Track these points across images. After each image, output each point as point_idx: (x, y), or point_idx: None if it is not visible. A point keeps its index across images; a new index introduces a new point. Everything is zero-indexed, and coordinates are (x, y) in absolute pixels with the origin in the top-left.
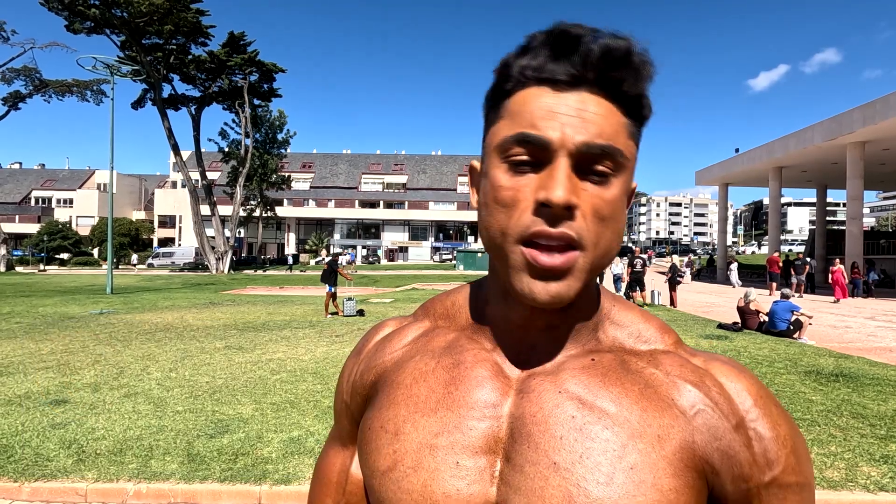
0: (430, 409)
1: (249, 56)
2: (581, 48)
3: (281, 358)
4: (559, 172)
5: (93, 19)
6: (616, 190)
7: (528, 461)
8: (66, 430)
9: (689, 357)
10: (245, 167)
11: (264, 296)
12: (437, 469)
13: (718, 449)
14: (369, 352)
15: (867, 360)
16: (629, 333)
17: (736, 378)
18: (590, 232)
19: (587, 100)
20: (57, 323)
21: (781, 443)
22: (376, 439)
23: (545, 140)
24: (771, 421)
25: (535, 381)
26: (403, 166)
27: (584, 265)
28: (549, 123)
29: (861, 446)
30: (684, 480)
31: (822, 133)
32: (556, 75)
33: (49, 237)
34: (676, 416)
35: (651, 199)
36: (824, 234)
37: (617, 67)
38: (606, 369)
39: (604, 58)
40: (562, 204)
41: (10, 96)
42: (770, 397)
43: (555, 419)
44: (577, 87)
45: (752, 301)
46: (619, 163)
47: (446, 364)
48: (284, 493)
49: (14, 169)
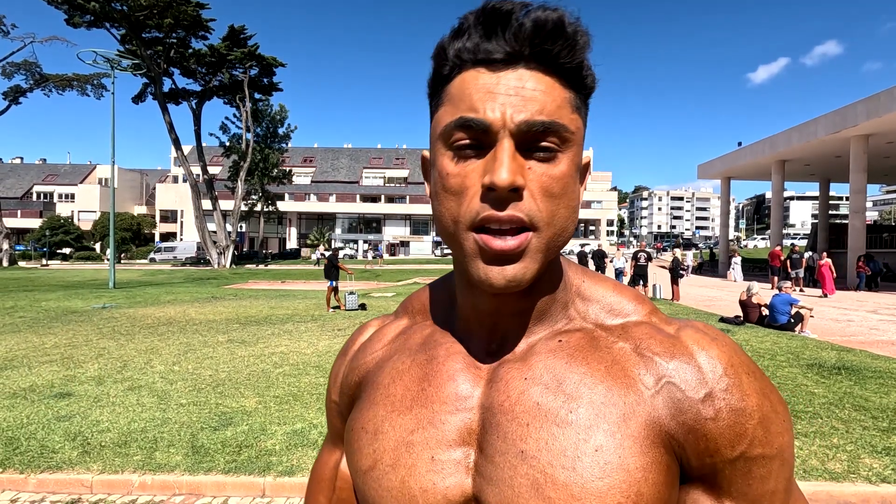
0: (406, 408)
1: (250, 50)
2: (512, 24)
3: (283, 351)
4: (502, 154)
5: (92, 13)
6: (564, 166)
7: (498, 451)
8: (71, 423)
9: (663, 325)
10: (246, 161)
11: (266, 290)
12: (413, 465)
13: (683, 423)
14: (354, 353)
15: (869, 353)
16: (601, 308)
17: (707, 346)
18: (541, 211)
19: (525, 76)
20: (60, 317)
21: (749, 414)
22: (358, 440)
23: (485, 122)
24: (740, 391)
25: (503, 370)
26: (405, 160)
27: (538, 245)
28: (489, 105)
29: (863, 438)
30: (651, 458)
31: (825, 126)
32: (491, 55)
33: (51, 232)
34: (641, 392)
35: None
36: (827, 227)
37: (551, 40)
38: (573, 350)
39: (536, 31)
40: (506, 186)
41: (10, 91)
42: (743, 365)
43: (521, 407)
44: (514, 65)
45: (754, 294)
46: (564, 138)
47: (420, 361)
48: (288, 485)
49: (15, 164)
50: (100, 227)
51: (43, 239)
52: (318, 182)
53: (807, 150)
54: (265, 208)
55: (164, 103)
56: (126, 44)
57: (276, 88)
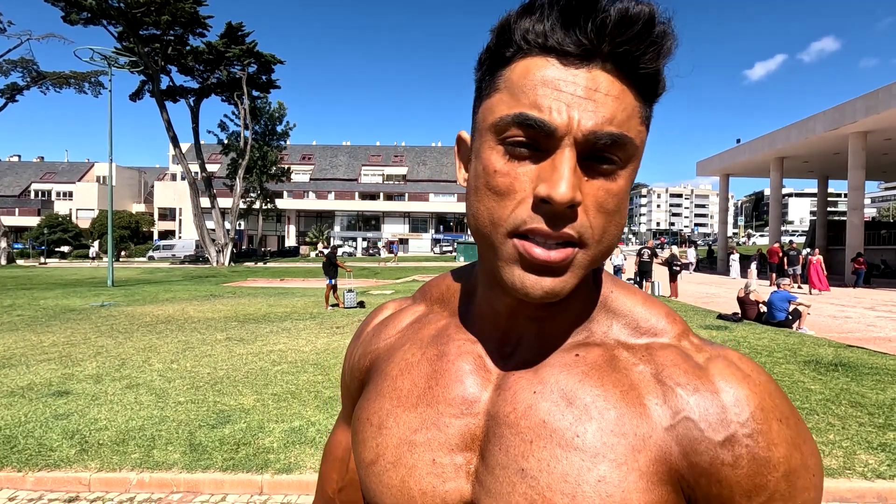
0: (412, 404)
1: (248, 47)
2: (596, 14)
3: (282, 349)
4: (563, 165)
5: (89, 10)
6: (623, 181)
7: (499, 464)
8: (69, 421)
9: (692, 352)
10: (244, 159)
11: (265, 288)
12: (414, 466)
13: (697, 464)
14: (367, 335)
15: (866, 350)
16: (626, 324)
17: (737, 384)
18: (593, 228)
19: (599, 77)
20: (58, 315)
21: (773, 466)
22: (363, 431)
23: (550, 126)
24: (766, 440)
25: (513, 378)
26: (403, 158)
27: (583, 261)
28: (555, 104)
29: (859, 434)
30: (657, 495)
31: (824, 123)
32: (564, 46)
33: (49, 230)
34: (655, 425)
35: (651, 189)
36: (825, 224)
37: (636, 40)
38: (590, 367)
39: (621, 27)
40: (565, 202)
41: (7, 88)
42: (775, 410)
43: (527, 422)
44: (589, 62)
45: (752, 291)
46: (629, 152)
47: (430, 356)
48: (286, 483)
49: (13, 162)
50: (98, 225)
51: (41, 237)
52: (316, 180)
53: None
54: (264, 206)
55: (162, 101)
56: (123, 41)
57: (274, 86)
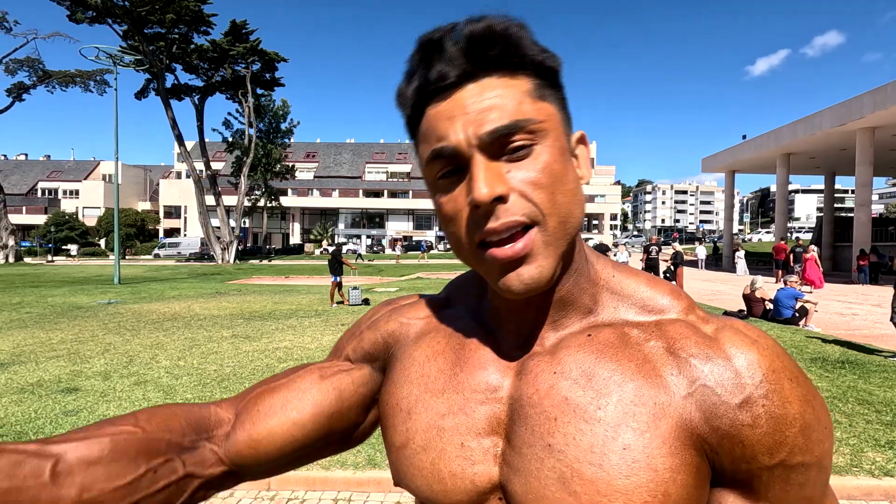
0: (439, 390)
1: (252, 45)
2: (446, 48)
3: (287, 346)
4: (476, 170)
5: (94, 8)
6: (546, 155)
7: (526, 443)
8: (78, 417)
9: (700, 324)
10: (249, 157)
11: (270, 285)
12: (444, 449)
13: (718, 428)
14: (398, 306)
15: (874, 347)
16: (633, 303)
17: (747, 349)
18: (538, 205)
19: (477, 89)
20: (66, 313)
21: (790, 422)
22: (393, 416)
23: (450, 147)
24: (781, 398)
25: (532, 363)
26: (407, 155)
27: (545, 238)
28: (452, 129)
29: (867, 432)
30: (681, 459)
31: (830, 119)
32: (440, 83)
33: (56, 228)
34: (673, 393)
35: (656, 186)
36: (832, 221)
37: (487, 48)
38: (603, 345)
39: (471, 47)
40: (486, 199)
41: (13, 87)
42: (785, 370)
43: (550, 401)
44: (465, 83)
45: (758, 289)
46: (533, 130)
47: (454, 345)
48: (293, 479)
49: (20, 160)
50: (104, 223)
51: (48, 235)
52: (320, 177)
53: (812, 142)
54: (268, 204)
55: (167, 99)
56: (128, 40)
57: (278, 84)
